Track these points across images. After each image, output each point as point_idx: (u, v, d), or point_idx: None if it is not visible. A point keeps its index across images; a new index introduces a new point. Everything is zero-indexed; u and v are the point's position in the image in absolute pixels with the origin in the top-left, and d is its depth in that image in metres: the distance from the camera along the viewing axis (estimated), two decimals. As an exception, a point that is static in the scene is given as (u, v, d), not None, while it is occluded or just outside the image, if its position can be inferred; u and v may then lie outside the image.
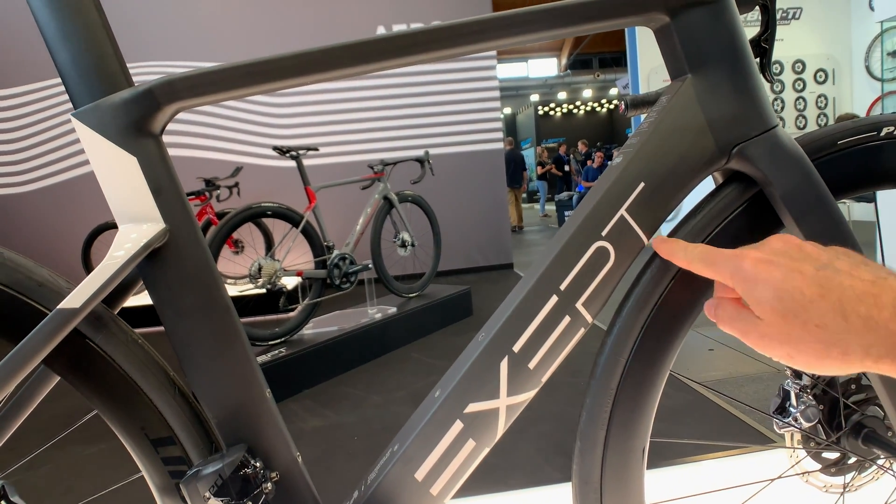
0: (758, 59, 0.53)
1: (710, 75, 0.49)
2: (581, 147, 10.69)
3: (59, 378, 0.51)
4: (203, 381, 0.48)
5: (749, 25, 0.45)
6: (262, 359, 2.33)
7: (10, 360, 0.42)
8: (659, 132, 0.49)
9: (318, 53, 0.46)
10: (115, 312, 0.50)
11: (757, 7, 0.53)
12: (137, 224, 0.46)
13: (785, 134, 0.50)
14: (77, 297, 0.43)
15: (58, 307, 0.43)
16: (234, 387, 0.48)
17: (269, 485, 0.48)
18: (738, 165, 0.50)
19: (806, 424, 0.61)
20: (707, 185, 0.55)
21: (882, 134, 0.50)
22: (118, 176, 0.45)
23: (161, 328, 0.46)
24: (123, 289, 0.50)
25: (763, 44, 0.53)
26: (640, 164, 0.48)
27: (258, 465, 0.48)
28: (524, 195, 13.27)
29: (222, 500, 0.46)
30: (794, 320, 0.34)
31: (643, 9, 0.49)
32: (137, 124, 0.45)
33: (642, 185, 0.48)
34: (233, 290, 3.75)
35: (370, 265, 2.91)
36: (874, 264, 0.35)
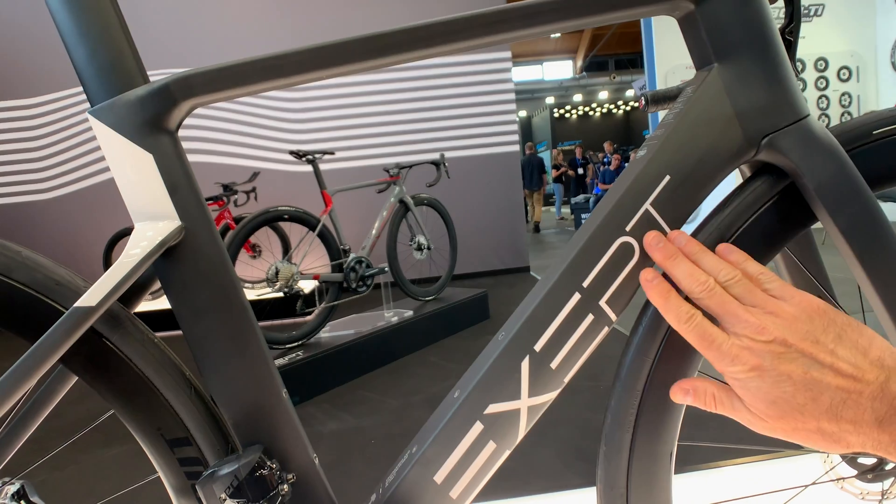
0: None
1: (738, 64, 0.47)
2: (608, 147, 10.63)
3: (76, 378, 0.50)
4: (219, 382, 0.47)
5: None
6: (279, 362, 2.34)
7: (27, 358, 0.41)
8: (685, 123, 0.47)
9: (333, 47, 0.46)
10: (132, 312, 0.50)
11: None
12: (153, 222, 0.45)
13: (817, 124, 0.48)
14: (93, 296, 0.42)
15: (74, 305, 0.42)
16: (250, 387, 0.48)
17: (285, 486, 0.47)
18: (767, 157, 0.48)
19: (841, 428, 0.58)
20: (727, 185, 0.54)
21: (921, 122, 0.48)
22: (134, 173, 0.45)
23: (178, 332, 0.46)
24: (140, 287, 0.49)
25: (787, 36, 0.51)
26: (666, 156, 0.47)
27: (274, 466, 0.47)
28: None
29: (238, 502, 0.45)
30: (792, 422, 0.36)
31: None
32: (153, 121, 0.45)
33: (668, 178, 0.46)
34: (251, 294, 3.78)
35: (386, 268, 2.91)
36: (848, 333, 0.36)
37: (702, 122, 0.47)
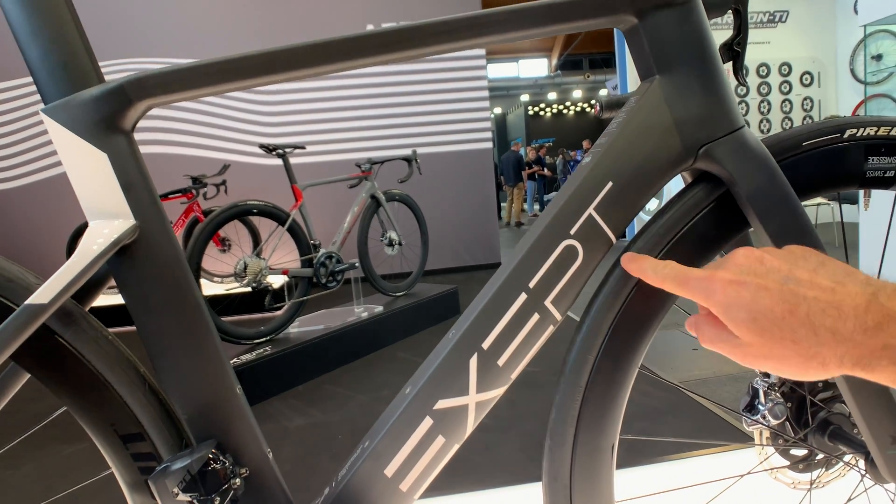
0: (730, 62, 0.54)
1: (678, 76, 0.50)
2: (586, 145, 10.83)
3: (29, 375, 0.50)
4: (173, 378, 0.48)
5: (722, 28, 0.46)
6: (246, 357, 2.32)
7: (-24, 355, 0.41)
8: (627, 132, 0.49)
9: (289, 51, 0.47)
10: (86, 309, 0.50)
11: (729, 11, 0.54)
12: (107, 220, 0.46)
13: (751, 135, 0.51)
14: (46, 293, 0.43)
15: (25, 303, 0.42)
16: (204, 383, 0.48)
17: (238, 480, 0.48)
18: (704, 165, 0.51)
19: (774, 422, 0.62)
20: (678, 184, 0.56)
21: (845, 136, 0.52)
22: (88, 172, 0.45)
23: (133, 328, 0.46)
24: (94, 285, 0.49)
25: (735, 47, 0.54)
26: (608, 163, 0.49)
27: (227, 460, 0.48)
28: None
29: (191, 496, 0.46)
30: (770, 338, 0.35)
31: (612, 10, 0.49)
32: (108, 121, 0.45)
33: (610, 184, 0.49)
34: (219, 288, 3.72)
35: (357, 264, 2.91)
36: (832, 263, 0.36)
37: (642, 131, 0.49)
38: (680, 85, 0.50)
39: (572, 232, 0.48)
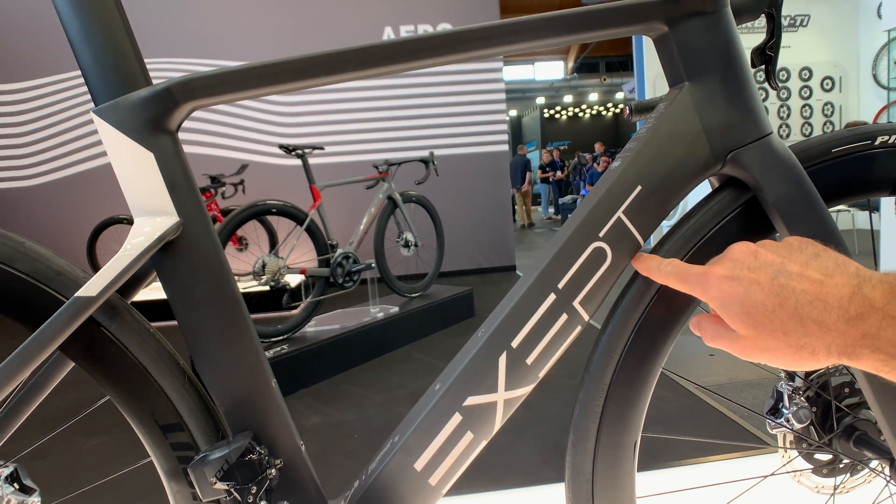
0: (763, 67, 0.54)
1: (707, 83, 0.50)
2: (598, 148, 10.77)
3: (72, 365, 0.52)
4: (212, 371, 0.50)
5: (756, 32, 0.46)
6: (264, 355, 2.35)
7: (28, 345, 0.43)
8: (656, 137, 0.50)
9: (330, 56, 0.48)
10: (129, 302, 0.52)
11: (762, 15, 0.54)
12: (152, 217, 0.48)
13: (778, 141, 0.51)
14: (94, 286, 0.45)
15: (75, 295, 0.44)
16: (241, 376, 0.50)
17: (273, 471, 0.50)
18: (732, 171, 0.51)
19: (798, 426, 0.62)
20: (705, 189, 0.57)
21: (876, 143, 0.52)
22: (135, 170, 0.47)
23: (173, 322, 0.48)
24: (137, 279, 0.51)
25: (768, 52, 0.54)
26: (638, 167, 0.50)
27: (263, 451, 0.50)
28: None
29: (228, 485, 0.48)
30: (763, 331, 0.37)
31: (643, 18, 0.50)
32: (155, 121, 0.47)
33: (639, 188, 0.50)
34: (236, 287, 3.76)
35: (373, 264, 2.93)
36: (826, 255, 0.37)
37: (672, 137, 0.50)
38: (709, 91, 0.50)
39: (601, 234, 0.49)
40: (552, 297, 0.49)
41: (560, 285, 0.49)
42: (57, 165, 4.80)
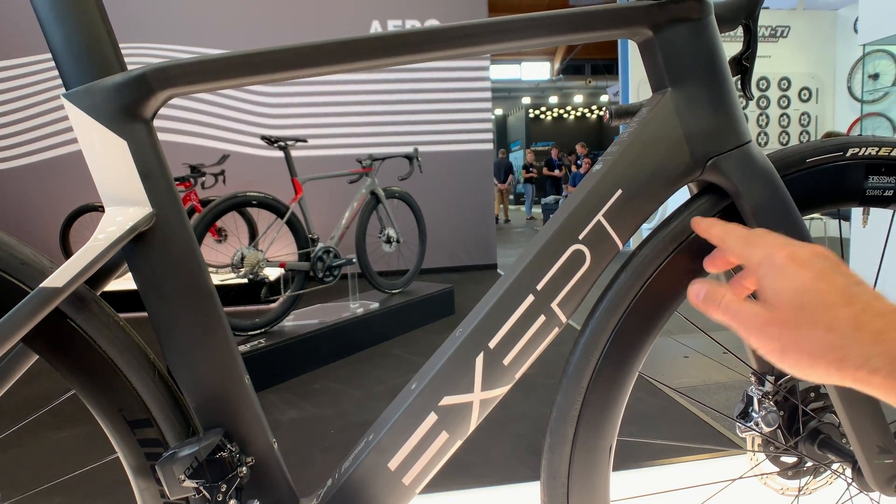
0: (739, 77, 0.55)
1: (689, 90, 0.51)
2: (580, 149, 10.79)
3: (37, 357, 0.51)
4: (183, 365, 0.49)
5: (735, 40, 0.47)
6: (241, 349, 2.32)
7: (-11, 336, 0.42)
8: (638, 142, 0.51)
9: (311, 48, 0.47)
10: (98, 294, 0.50)
11: (740, 26, 0.55)
12: (124, 207, 0.46)
13: (757, 149, 0.52)
14: (60, 277, 0.43)
15: (40, 285, 0.43)
16: (213, 372, 0.49)
17: (244, 469, 0.49)
18: (711, 177, 0.52)
19: (766, 429, 0.64)
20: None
21: (847, 154, 0.53)
22: (107, 159, 0.46)
23: (144, 314, 0.47)
24: (107, 271, 0.50)
25: (744, 62, 0.55)
26: (619, 171, 0.50)
27: (234, 449, 0.49)
28: (511, 196, 13.85)
29: (197, 482, 0.47)
30: (806, 316, 0.35)
31: (628, 23, 0.50)
32: (129, 109, 0.45)
33: (619, 192, 0.50)
34: (215, 279, 3.70)
35: (354, 259, 2.91)
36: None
37: (653, 142, 0.51)
38: (691, 98, 0.51)
39: (581, 237, 0.49)
40: (530, 298, 0.49)
41: (539, 286, 0.49)
42: (30, 149, 4.65)
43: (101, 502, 1.42)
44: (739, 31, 0.55)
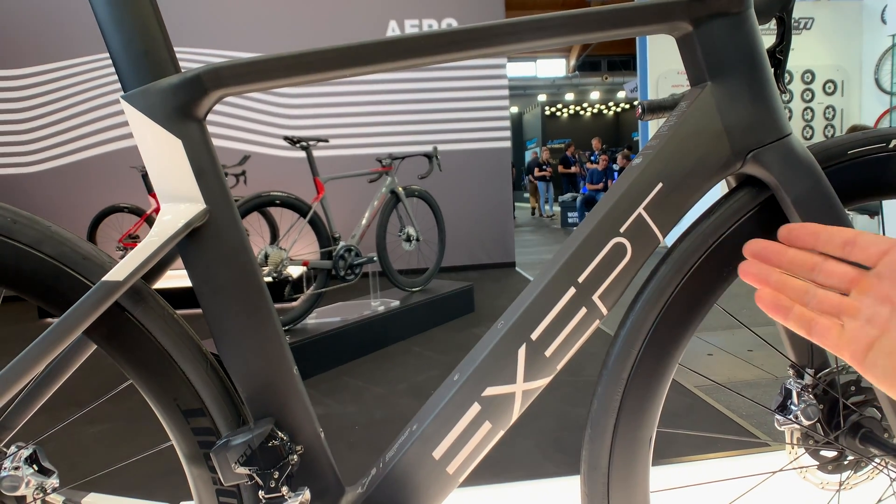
0: (772, 70, 0.55)
1: (729, 83, 0.51)
2: (595, 144, 10.67)
3: (94, 348, 0.53)
4: (235, 357, 0.50)
5: (766, 32, 0.47)
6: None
7: (55, 328, 0.44)
8: (678, 136, 0.51)
9: (358, 48, 0.49)
10: (153, 288, 0.52)
11: (773, 19, 0.55)
12: (179, 204, 0.48)
13: (798, 142, 0.52)
14: (120, 271, 0.45)
15: (102, 280, 0.45)
16: (264, 363, 0.51)
17: (294, 457, 0.50)
18: (751, 170, 0.52)
19: (806, 422, 0.63)
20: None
21: (891, 146, 0.53)
22: (163, 157, 0.48)
23: (196, 310, 0.49)
24: (162, 266, 0.52)
25: (778, 55, 0.55)
26: (659, 165, 0.50)
27: (285, 438, 0.50)
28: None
29: (250, 469, 0.48)
30: None
31: (668, 18, 0.51)
32: (184, 109, 0.47)
33: (660, 185, 0.50)
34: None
35: (375, 258, 2.94)
36: None
37: (693, 136, 0.51)
38: (731, 91, 0.51)
39: (622, 230, 0.50)
40: (572, 290, 0.50)
41: (580, 279, 0.50)
42: (58, 153, 4.78)
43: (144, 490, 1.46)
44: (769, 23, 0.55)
